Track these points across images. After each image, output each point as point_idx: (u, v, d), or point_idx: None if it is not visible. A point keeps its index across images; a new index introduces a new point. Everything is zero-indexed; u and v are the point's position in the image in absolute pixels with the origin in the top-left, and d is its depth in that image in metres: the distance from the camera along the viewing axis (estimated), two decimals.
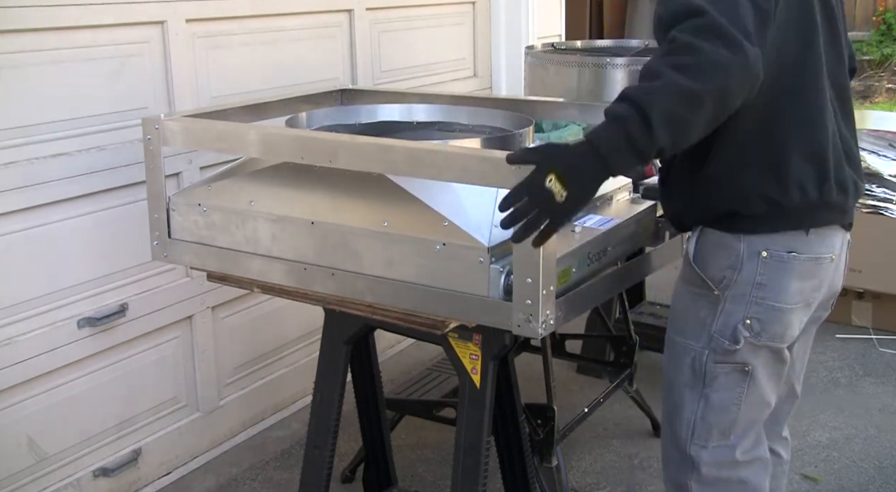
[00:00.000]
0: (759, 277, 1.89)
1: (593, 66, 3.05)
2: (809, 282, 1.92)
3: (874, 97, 10.16)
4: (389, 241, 1.93)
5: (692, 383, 1.99)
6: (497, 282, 1.81)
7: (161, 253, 2.31)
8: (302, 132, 2.23)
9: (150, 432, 3.01)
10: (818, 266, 1.92)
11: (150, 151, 2.26)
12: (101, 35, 2.70)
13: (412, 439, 3.28)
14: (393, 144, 1.97)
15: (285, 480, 3.08)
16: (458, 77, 4.29)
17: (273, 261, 2.11)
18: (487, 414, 2.05)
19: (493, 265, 1.81)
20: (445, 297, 1.88)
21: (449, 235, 1.86)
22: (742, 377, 1.96)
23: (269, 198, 2.14)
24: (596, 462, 3.18)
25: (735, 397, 1.98)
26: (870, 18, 11.64)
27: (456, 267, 1.85)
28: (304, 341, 3.55)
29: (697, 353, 1.97)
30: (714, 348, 1.95)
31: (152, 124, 2.24)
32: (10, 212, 2.52)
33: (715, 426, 2.00)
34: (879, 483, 3.05)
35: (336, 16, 3.56)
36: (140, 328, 2.90)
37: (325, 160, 2.01)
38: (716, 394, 1.97)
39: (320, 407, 2.29)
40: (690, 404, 2.00)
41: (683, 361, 2.00)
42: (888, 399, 3.60)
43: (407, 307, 1.96)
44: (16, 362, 2.57)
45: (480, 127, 2.49)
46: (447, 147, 1.93)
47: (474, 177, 1.82)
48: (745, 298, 1.90)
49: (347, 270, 1.99)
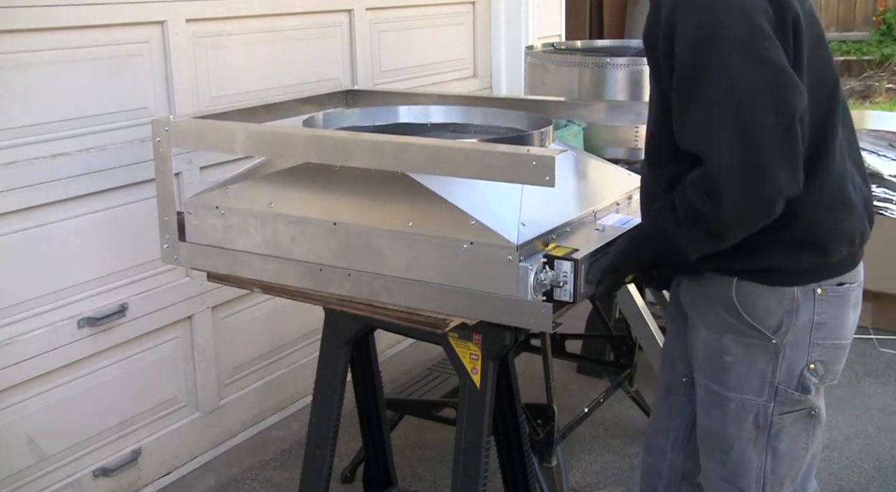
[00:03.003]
0: (817, 317, 1.77)
1: (593, 66, 3.06)
2: (857, 310, 1.85)
3: (874, 97, 10.17)
4: (414, 241, 1.90)
5: (755, 437, 1.85)
6: (526, 280, 1.78)
7: (172, 256, 2.27)
8: (317, 132, 2.21)
9: (150, 432, 3.01)
10: (860, 289, 1.85)
11: (159, 153, 2.22)
12: (101, 35, 2.70)
13: (412, 439, 3.28)
14: (409, 141, 1.95)
15: (285, 480, 3.08)
16: (458, 77, 4.29)
17: (286, 262, 2.08)
18: (487, 414, 2.05)
19: (521, 263, 1.79)
20: (472, 296, 1.86)
21: (476, 233, 1.83)
22: (808, 422, 1.86)
23: (289, 199, 2.10)
24: (596, 462, 3.19)
25: (803, 443, 1.87)
26: (870, 18, 11.64)
27: (484, 266, 1.83)
28: (304, 341, 3.55)
29: (761, 407, 1.82)
30: (780, 400, 1.81)
31: (162, 126, 2.20)
32: (10, 212, 2.52)
33: (787, 477, 1.88)
34: (879, 483, 3.05)
35: (336, 16, 3.56)
36: (140, 328, 2.90)
37: (341, 159, 1.98)
38: (783, 444, 1.85)
39: (320, 407, 2.29)
40: (757, 459, 1.85)
41: (744, 419, 1.84)
42: (888, 399, 3.60)
43: (434, 308, 1.92)
44: (16, 362, 2.57)
45: (495, 128, 2.46)
46: (464, 144, 1.91)
47: (494, 173, 1.81)
48: (806, 341, 1.78)
49: (370, 271, 1.96)
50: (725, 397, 1.85)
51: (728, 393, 1.84)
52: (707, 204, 1.62)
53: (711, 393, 1.87)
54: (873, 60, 10.87)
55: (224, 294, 3.13)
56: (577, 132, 2.81)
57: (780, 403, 1.81)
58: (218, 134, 2.22)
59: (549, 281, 1.79)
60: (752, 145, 1.57)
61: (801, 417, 1.84)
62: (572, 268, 1.79)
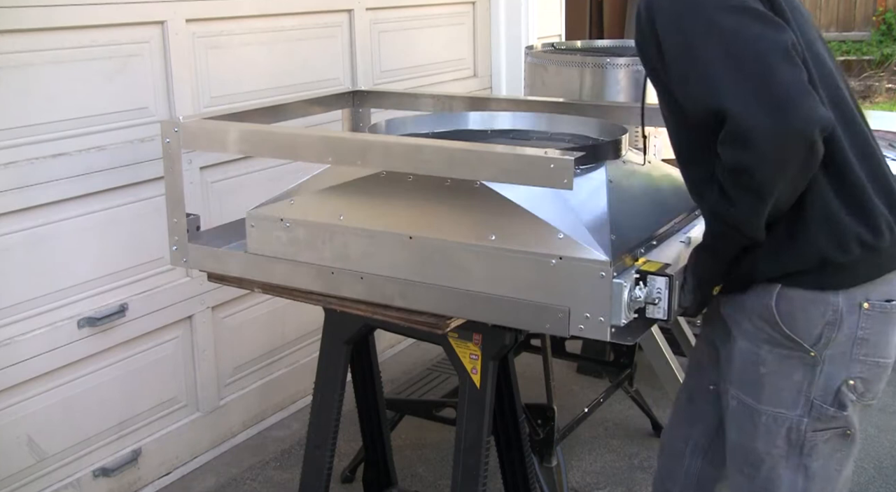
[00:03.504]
0: (860, 332, 1.71)
1: (593, 66, 3.06)
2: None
3: (874, 97, 10.17)
4: (498, 256, 1.82)
5: (786, 454, 1.78)
6: (620, 298, 1.70)
7: (180, 258, 2.24)
8: (330, 133, 2.18)
9: (150, 432, 3.01)
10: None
11: (168, 153, 2.19)
12: (101, 35, 2.70)
13: (412, 439, 3.28)
14: (423, 143, 1.92)
15: (285, 480, 3.08)
16: (458, 77, 4.29)
17: (298, 265, 2.06)
18: (487, 414, 2.05)
19: (615, 280, 1.70)
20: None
21: (565, 248, 1.75)
22: (843, 442, 1.78)
23: (360, 212, 2.02)
24: (596, 462, 3.19)
25: (837, 464, 1.80)
26: (870, 18, 11.65)
27: (573, 282, 1.74)
28: (304, 341, 3.55)
29: (794, 422, 1.76)
30: (815, 416, 1.75)
31: (172, 126, 2.17)
32: (10, 212, 2.52)
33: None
34: (879, 483, 3.05)
35: (336, 16, 3.56)
36: (140, 328, 2.90)
37: (355, 161, 1.95)
38: (816, 463, 1.78)
39: (320, 407, 2.29)
40: (789, 478, 1.80)
41: (776, 433, 1.78)
42: (888, 399, 3.60)
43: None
44: (16, 362, 2.57)
45: (560, 135, 2.38)
46: (480, 146, 1.87)
47: (510, 175, 1.77)
48: (847, 356, 1.72)
49: (452, 286, 1.88)
50: (757, 409, 1.79)
51: (760, 406, 1.79)
52: (743, 154, 1.54)
53: (743, 405, 1.82)
54: (873, 60, 10.87)
55: (224, 294, 3.13)
56: None
57: (815, 418, 1.76)
58: (228, 135, 2.18)
59: (644, 298, 1.72)
60: (763, 83, 1.53)
61: (835, 436, 1.77)
62: (667, 284, 1.71)
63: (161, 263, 2.89)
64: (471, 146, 1.87)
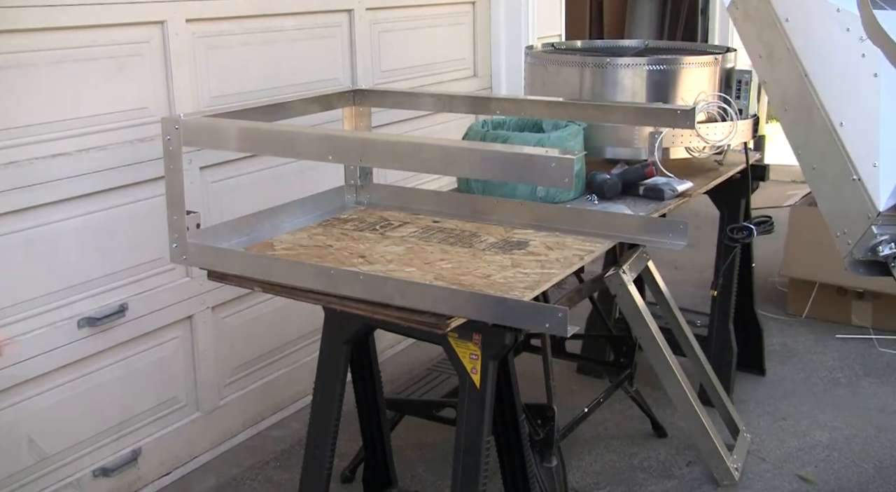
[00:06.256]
0: None
1: (593, 66, 3.05)
2: None
3: None
4: None
5: None
6: None
7: (180, 255, 2.24)
8: (330, 131, 2.18)
9: (150, 432, 3.01)
10: None
11: (169, 151, 2.18)
12: (101, 35, 2.70)
13: (412, 439, 3.28)
14: (424, 142, 1.94)
15: (285, 480, 3.08)
16: (458, 77, 4.29)
17: (296, 264, 2.07)
18: (487, 414, 2.05)
19: None
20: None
21: None
22: None
23: None
24: (596, 462, 3.18)
25: None
26: None
27: None
28: (304, 341, 3.55)
29: None
30: None
31: (172, 124, 2.16)
32: (10, 212, 2.52)
33: None
34: (879, 483, 3.05)
35: (336, 16, 3.56)
36: (140, 328, 2.90)
37: (356, 160, 1.97)
38: None
39: (320, 407, 2.29)
40: None
41: None
42: (888, 399, 3.60)
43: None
44: (16, 362, 2.57)
45: None
46: (479, 144, 1.89)
47: (511, 174, 1.79)
48: None
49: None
50: None
51: None
52: None
53: None
54: None
55: (224, 294, 3.13)
56: (577, 132, 2.80)
57: None
58: (229, 132, 2.18)
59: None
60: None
61: None
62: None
63: (161, 263, 2.89)
64: (471, 146, 1.87)
